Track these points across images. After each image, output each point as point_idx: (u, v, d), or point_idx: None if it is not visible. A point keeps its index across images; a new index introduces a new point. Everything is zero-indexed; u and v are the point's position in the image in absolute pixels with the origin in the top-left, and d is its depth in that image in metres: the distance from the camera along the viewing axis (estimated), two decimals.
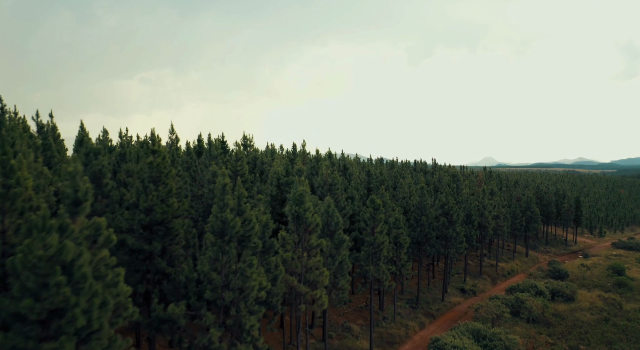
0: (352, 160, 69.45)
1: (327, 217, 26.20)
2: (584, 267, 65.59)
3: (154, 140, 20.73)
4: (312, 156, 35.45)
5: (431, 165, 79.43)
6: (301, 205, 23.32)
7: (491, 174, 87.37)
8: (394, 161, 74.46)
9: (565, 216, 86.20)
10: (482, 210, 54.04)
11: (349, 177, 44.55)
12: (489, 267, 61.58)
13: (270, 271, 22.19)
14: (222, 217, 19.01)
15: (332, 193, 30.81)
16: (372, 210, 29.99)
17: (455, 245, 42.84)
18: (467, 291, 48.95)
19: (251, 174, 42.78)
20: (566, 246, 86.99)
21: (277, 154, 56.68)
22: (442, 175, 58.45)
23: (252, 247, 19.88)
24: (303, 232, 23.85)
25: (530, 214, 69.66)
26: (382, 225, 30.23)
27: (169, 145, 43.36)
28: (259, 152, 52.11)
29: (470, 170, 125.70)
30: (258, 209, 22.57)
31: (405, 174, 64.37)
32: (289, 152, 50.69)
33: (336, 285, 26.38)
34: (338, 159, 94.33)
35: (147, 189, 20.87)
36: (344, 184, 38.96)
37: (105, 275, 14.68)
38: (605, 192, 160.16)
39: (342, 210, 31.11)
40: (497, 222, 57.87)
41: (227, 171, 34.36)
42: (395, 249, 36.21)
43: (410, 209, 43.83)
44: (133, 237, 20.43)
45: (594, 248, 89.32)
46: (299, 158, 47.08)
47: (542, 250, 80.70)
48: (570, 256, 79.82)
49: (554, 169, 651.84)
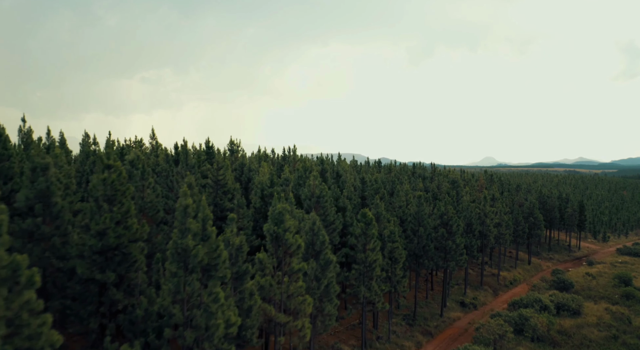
0: (347, 165, 66.79)
1: (312, 235, 23.55)
2: (589, 276, 62.91)
3: (109, 154, 18.03)
4: (302, 164, 32.84)
5: (430, 167, 76.88)
6: (280, 224, 20.68)
7: (492, 178, 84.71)
8: (391, 165, 71.81)
9: (568, 221, 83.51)
10: (484, 218, 51.38)
11: (342, 185, 41.90)
12: (490, 277, 58.92)
13: (244, 300, 19.55)
14: (182, 244, 16.39)
15: (320, 205, 28.19)
16: (363, 225, 27.36)
17: (455, 258, 40.19)
18: (468, 305, 46.30)
19: (237, 181, 40.16)
20: (570, 252, 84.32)
21: (268, 158, 53.99)
22: (441, 181, 55.83)
23: (219, 277, 17.24)
24: (283, 255, 21.21)
25: (533, 220, 66.99)
26: (375, 242, 27.59)
27: (151, 151, 40.67)
28: (248, 157, 49.44)
29: (470, 173, 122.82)
30: (230, 229, 19.91)
31: (403, 179, 61.70)
32: (279, 157, 48.11)
33: (322, 311, 23.73)
34: (334, 161, 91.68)
35: (102, 209, 18.22)
36: (335, 194, 36.33)
37: (28, 324, 12.09)
38: (608, 194, 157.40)
39: (331, 224, 28.50)
40: (499, 230, 55.19)
41: (208, 181, 31.72)
42: (390, 264, 33.55)
43: (407, 218, 41.18)
44: (84, 265, 17.79)
45: (598, 254, 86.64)
46: (288, 165, 44.46)
47: (545, 257, 78.02)
48: (574, 263, 77.16)
49: (554, 169, 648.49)
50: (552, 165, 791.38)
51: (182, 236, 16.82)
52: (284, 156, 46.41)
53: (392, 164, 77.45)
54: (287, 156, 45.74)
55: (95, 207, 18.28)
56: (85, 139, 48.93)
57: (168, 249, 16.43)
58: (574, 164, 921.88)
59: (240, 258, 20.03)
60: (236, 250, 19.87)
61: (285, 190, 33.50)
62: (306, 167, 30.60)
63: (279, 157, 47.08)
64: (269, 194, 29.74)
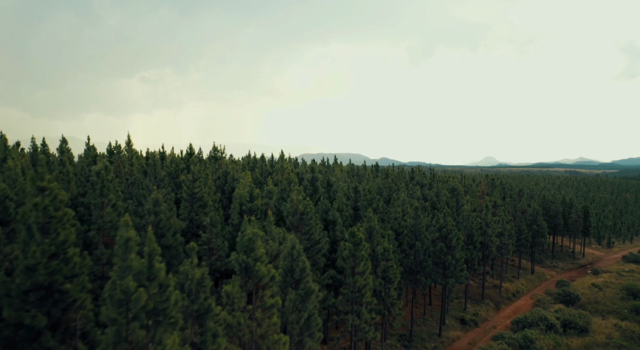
0: (343, 169, 63.81)
1: (290, 261, 20.66)
2: (595, 287, 59.99)
3: (41, 175, 15.13)
4: (287, 174, 29.90)
5: (429, 171, 73.85)
6: (251, 253, 17.80)
7: (493, 182, 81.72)
8: (389, 170, 68.81)
9: (572, 227, 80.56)
10: (485, 228, 48.50)
11: (333, 195, 39.02)
12: (492, 289, 56.02)
13: (207, 343, 16.67)
14: (122, 286, 13.50)
15: (303, 223, 25.30)
16: (351, 246, 24.46)
17: (455, 274, 37.30)
18: (468, 322, 43.40)
19: (220, 191, 37.27)
20: (574, 259, 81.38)
21: (257, 165, 51.01)
22: (440, 188, 52.88)
23: (169, 323, 14.37)
24: (254, 287, 18.32)
25: (537, 227, 64.07)
26: (365, 264, 24.71)
27: (128, 158, 37.76)
28: (236, 162, 46.42)
29: (471, 177, 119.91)
30: (190, 260, 17.02)
31: (400, 185, 58.75)
32: (268, 164, 45.15)
33: (302, 347, 20.83)
34: (330, 164, 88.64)
35: (34, 239, 15.33)
36: (324, 206, 33.42)
37: None
38: (611, 197, 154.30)
39: (316, 244, 25.61)
40: (502, 240, 52.30)
41: (183, 194, 28.79)
42: (383, 284, 30.67)
43: (403, 231, 38.28)
44: (11, 306, 14.90)
45: (603, 261, 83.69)
46: (275, 174, 41.55)
47: (549, 265, 75.08)
48: (579, 271, 74.23)
49: (555, 169, 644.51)
50: (552, 165, 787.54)
51: (122, 276, 13.96)
52: (271, 163, 43.41)
53: (390, 167, 74.54)
54: (274, 163, 42.79)
55: (27, 238, 15.40)
56: (63, 145, 45.98)
57: (105, 291, 13.56)
58: (574, 164, 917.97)
59: (202, 293, 17.12)
60: (197, 284, 16.98)
61: (268, 204, 30.63)
62: (290, 179, 27.68)
63: (267, 164, 44.20)
64: (247, 209, 26.85)
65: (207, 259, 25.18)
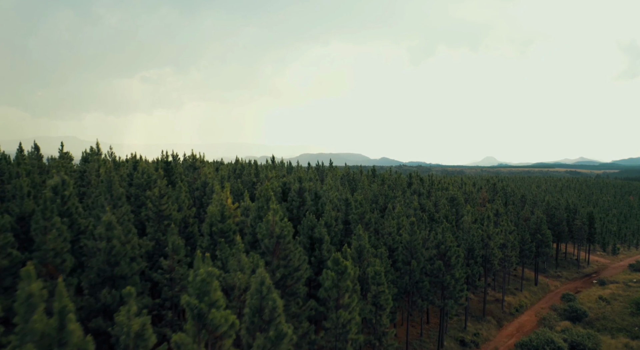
0: (332, 179, 60.54)
1: (259, 299, 17.47)
2: (602, 300, 56.80)
3: None
4: (268, 184, 26.65)
5: (428, 175, 70.69)
6: (204, 297, 14.62)
7: (495, 187, 78.51)
8: (385, 177, 65.60)
9: (577, 234, 77.37)
10: (487, 240, 45.32)
11: (322, 208, 35.84)
12: (493, 303, 52.83)
13: None
14: None
15: (281, 247, 22.11)
16: (334, 275, 21.28)
17: (454, 295, 34.10)
18: (468, 343, 40.24)
19: (197, 204, 34.06)
20: (578, 268, 78.15)
21: (244, 171, 47.72)
22: (439, 197, 49.67)
23: None
24: (209, 338, 15.14)
25: (541, 237, 60.86)
26: (350, 296, 21.54)
27: (95, 169, 34.49)
28: (222, 168, 43.10)
29: (472, 181, 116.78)
30: (127, 308, 13.84)
31: (397, 193, 55.53)
32: (254, 172, 41.86)
33: None
34: (325, 168, 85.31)
35: None
36: (310, 223, 30.26)
37: None
38: (614, 199, 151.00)
39: (295, 271, 22.41)
40: (504, 252, 49.11)
41: (149, 212, 25.63)
42: (374, 311, 27.51)
43: (397, 247, 35.09)
44: None
45: (608, 269, 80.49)
46: (259, 184, 38.32)
47: (553, 275, 71.87)
48: (584, 281, 71.01)
49: (555, 169, 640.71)
50: (552, 165, 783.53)
51: (22, 340, 10.81)
52: (256, 172, 40.10)
53: (387, 173, 71.31)
54: (259, 172, 39.49)
55: None
56: (19, 153, 42.70)
57: None
58: (574, 164, 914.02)
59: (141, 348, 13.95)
60: (135, 338, 13.81)
61: (245, 223, 27.45)
62: (267, 195, 24.47)
63: (252, 173, 40.81)
64: (218, 230, 23.66)
65: (169, 291, 22.02)
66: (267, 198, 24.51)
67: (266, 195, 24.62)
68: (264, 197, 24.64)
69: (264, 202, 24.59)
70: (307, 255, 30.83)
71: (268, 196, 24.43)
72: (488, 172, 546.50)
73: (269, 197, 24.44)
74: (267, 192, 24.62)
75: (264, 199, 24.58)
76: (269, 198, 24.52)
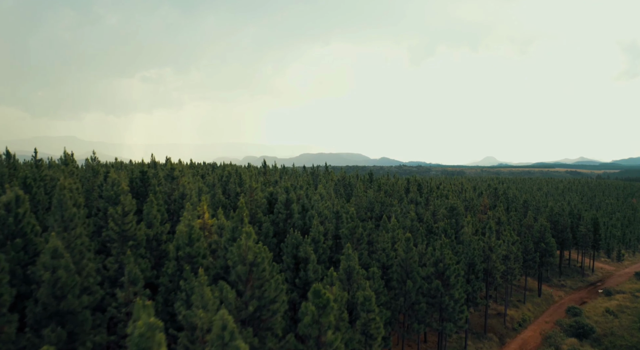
0: (325, 186, 57.84)
1: (220, 347, 14.66)
2: (609, 313, 54.01)
3: None
4: (242, 204, 23.85)
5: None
6: None
7: (496, 192, 75.65)
8: (381, 183, 62.72)
9: (581, 241, 74.57)
10: (489, 252, 42.53)
11: (309, 221, 33.05)
12: (495, 318, 50.02)
13: None
14: None
15: (254, 277, 19.32)
16: (315, 310, 18.46)
17: (453, 317, 31.28)
18: None
19: (168, 222, 31.22)
20: (582, 276, 75.32)
21: (230, 180, 44.83)
22: (438, 206, 46.78)
23: None
24: None
25: (545, 245, 58.04)
26: (333, 333, 18.73)
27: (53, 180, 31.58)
28: (207, 175, 40.13)
29: (472, 183, 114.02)
30: None
31: (393, 201, 52.69)
32: (234, 181, 38.95)
33: None
34: (319, 172, 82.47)
35: None
36: (295, 240, 27.48)
37: None
38: (617, 202, 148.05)
39: (271, 304, 19.59)
40: (507, 264, 46.32)
41: (110, 233, 22.83)
42: (364, 341, 24.73)
43: (392, 264, 32.28)
44: None
45: (613, 277, 77.64)
46: (243, 196, 35.48)
47: (556, 284, 69.05)
48: (589, 291, 68.19)
49: (555, 169, 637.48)
50: (553, 165, 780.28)
51: None
52: (240, 182, 37.20)
53: (384, 178, 68.47)
54: (243, 181, 36.50)
55: None
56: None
57: None
58: (575, 164, 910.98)
59: None
60: None
61: (219, 244, 24.62)
62: (241, 214, 21.61)
63: (235, 182, 37.95)
64: (185, 254, 20.84)
65: (124, 327, 19.21)
66: (240, 217, 21.68)
67: (240, 214, 21.78)
68: (238, 216, 21.80)
69: (238, 221, 21.75)
70: (292, 277, 28.08)
71: (242, 215, 21.60)
72: (488, 173, 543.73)
73: (243, 216, 21.60)
74: (241, 211, 21.79)
75: (238, 218, 21.75)
76: (242, 218, 21.68)
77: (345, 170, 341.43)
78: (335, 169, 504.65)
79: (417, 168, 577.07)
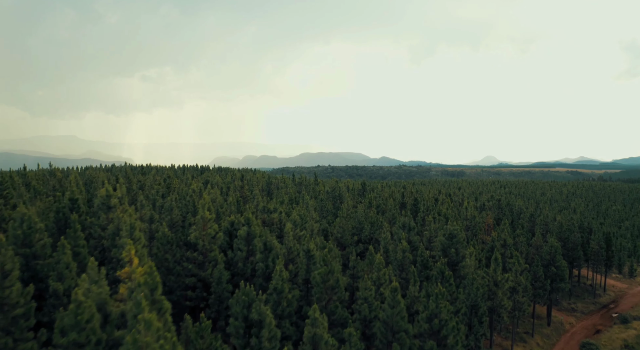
0: (311, 199, 51.49)
1: None
2: (628, 349, 47.68)
3: None
4: (139, 272, 17.44)
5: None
6: None
7: (500, 204, 69.22)
8: (372, 199, 56.22)
9: (594, 259, 68.22)
10: (494, 288, 36.21)
11: (272, 264, 26.69)
12: None
13: None
14: None
15: None
16: None
17: None
18: None
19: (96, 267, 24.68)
20: (594, 297, 68.93)
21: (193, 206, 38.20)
22: (434, 231, 40.36)
23: None
24: None
25: (556, 269, 51.66)
26: None
27: None
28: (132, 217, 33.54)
29: (474, 193, 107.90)
30: None
31: (384, 221, 46.22)
32: (194, 205, 32.54)
33: None
34: (310, 180, 76.02)
35: None
36: (246, 298, 21.11)
37: None
38: (624, 209, 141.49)
39: None
40: (515, 298, 39.99)
41: None
42: None
43: (375, 316, 25.89)
44: None
45: (627, 297, 71.24)
46: (195, 229, 29.09)
47: (566, 307, 62.70)
48: (602, 315, 61.81)
49: (556, 169, 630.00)
50: (553, 165, 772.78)
51: None
52: (193, 210, 30.50)
53: (373, 195, 62.05)
54: (197, 209, 29.63)
55: None
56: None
57: None
58: (575, 164, 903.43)
59: None
60: None
61: (124, 315, 18.15)
62: (148, 280, 15.17)
63: (190, 205, 31.55)
64: (70, 343, 14.45)
65: None
66: (146, 283, 15.28)
67: (149, 273, 15.39)
68: (146, 278, 15.39)
69: (142, 293, 15.34)
70: (241, 346, 21.70)
71: (148, 279, 15.20)
72: (488, 173, 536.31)
73: (151, 280, 15.22)
74: (149, 271, 15.42)
75: (147, 287, 15.35)
76: (154, 287, 15.29)
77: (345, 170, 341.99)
78: (335, 169, 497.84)
79: (417, 168, 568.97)
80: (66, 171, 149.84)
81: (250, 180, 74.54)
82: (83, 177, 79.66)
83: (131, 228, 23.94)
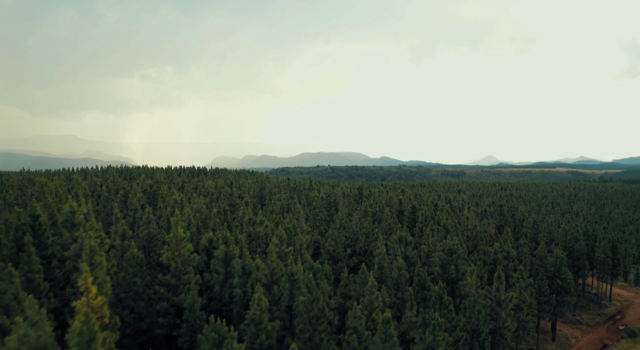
0: (303, 207, 48.86)
1: None
2: None
3: None
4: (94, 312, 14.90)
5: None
6: None
7: (502, 210, 66.56)
8: (367, 206, 53.50)
9: (599, 267, 65.56)
10: (497, 308, 33.56)
11: (250, 292, 24.02)
12: None
13: None
14: None
15: None
16: None
17: None
18: None
19: (48, 295, 22.17)
20: (600, 307, 66.25)
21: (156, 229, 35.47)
22: (433, 246, 37.64)
23: None
24: None
25: (561, 282, 49.00)
26: None
27: None
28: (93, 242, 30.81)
29: (475, 198, 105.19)
30: None
31: (380, 232, 43.54)
32: (168, 222, 29.91)
33: None
34: (305, 185, 73.31)
35: None
36: (216, 335, 18.47)
37: None
38: (628, 212, 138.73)
39: None
40: (519, 317, 37.32)
41: None
42: None
43: (367, 347, 23.21)
44: None
45: (633, 307, 68.58)
46: (168, 248, 26.48)
47: (571, 320, 60.03)
48: (609, 327, 59.16)
49: (556, 169, 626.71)
50: (553, 165, 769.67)
51: None
52: (167, 226, 27.80)
53: (368, 203, 59.37)
54: (171, 226, 27.06)
55: None
56: None
57: None
58: (575, 164, 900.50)
59: None
60: None
61: None
62: (96, 320, 12.55)
63: (165, 222, 29.01)
64: None
65: None
66: (90, 337, 12.61)
67: (83, 330, 12.71)
68: (80, 335, 12.73)
69: (89, 333, 12.69)
70: None
71: (94, 322, 12.53)
72: (489, 173, 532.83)
73: (92, 335, 12.55)
74: (99, 313, 12.75)
75: (82, 338, 12.67)
76: (91, 338, 12.62)
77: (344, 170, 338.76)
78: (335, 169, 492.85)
79: (417, 169, 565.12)
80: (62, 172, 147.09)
81: (242, 186, 71.55)
82: (71, 182, 76.92)
83: (91, 252, 21.26)
